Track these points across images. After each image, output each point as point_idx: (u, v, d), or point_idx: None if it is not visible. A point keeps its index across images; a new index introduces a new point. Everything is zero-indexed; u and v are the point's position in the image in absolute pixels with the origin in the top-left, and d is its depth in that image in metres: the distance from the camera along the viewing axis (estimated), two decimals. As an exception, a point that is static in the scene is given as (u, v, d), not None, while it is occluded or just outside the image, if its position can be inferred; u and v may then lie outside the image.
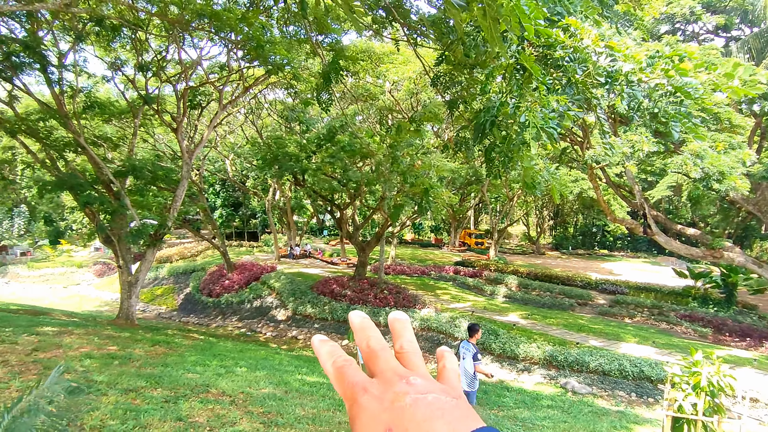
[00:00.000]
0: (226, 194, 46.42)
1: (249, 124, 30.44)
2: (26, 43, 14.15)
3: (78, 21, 15.15)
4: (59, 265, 41.94)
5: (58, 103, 15.75)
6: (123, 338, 12.84)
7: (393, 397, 0.45)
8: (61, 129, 17.63)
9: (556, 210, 54.60)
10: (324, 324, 20.25)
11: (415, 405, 0.44)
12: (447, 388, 0.49)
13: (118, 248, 17.16)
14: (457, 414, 0.44)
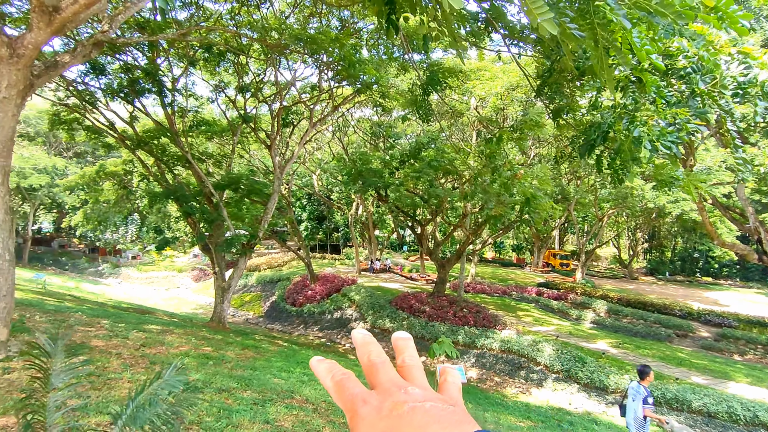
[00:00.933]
0: (312, 208, 48.31)
1: (336, 141, 31.65)
2: (147, 69, 15.94)
3: (190, 48, 16.75)
4: (163, 269, 45.86)
5: (170, 123, 17.49)
6: (216, 340, 13.73)
7: (391, 406, 0.47)
8: (171, 146, 19.51)
9: (652, 232, 50.73)
10: (402, 339, 20.29)
11: (413, 412, 0.46)
12: (445, 397, 0.52)
13: (214, 256, 18.48)
14: (453, 419, 0.46)
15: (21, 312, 10.80)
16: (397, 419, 0.45)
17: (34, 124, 38.78)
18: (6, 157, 6.92)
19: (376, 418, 0.46)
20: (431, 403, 0.47)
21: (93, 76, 16.10)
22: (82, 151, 45.87)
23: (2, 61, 6.47)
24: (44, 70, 7.34)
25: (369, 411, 0.47)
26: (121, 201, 26.88)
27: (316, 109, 20.02)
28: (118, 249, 51.39)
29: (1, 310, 6.87)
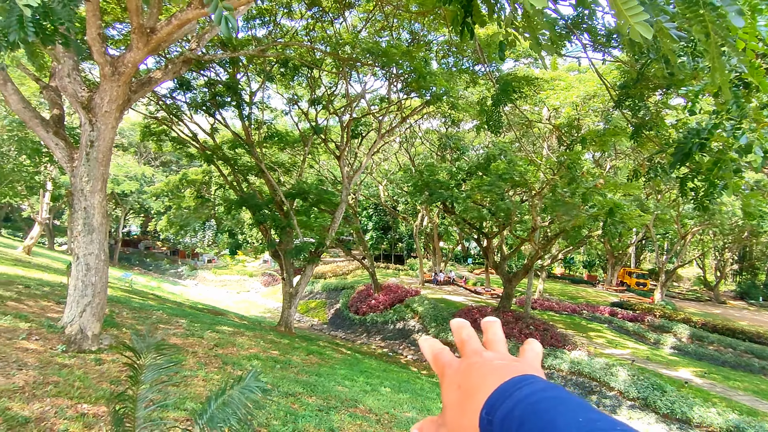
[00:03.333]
0: (377, 218, 48.81)
1: (403, 152, 31.90)
2: (227, 84, 16.96)
3: (268, 64, 17.62)
4: (235, 273, 48.09)
5: (247, 134, 18.46)
6: (283, 344, 14.16)
7: (465, 365, 0.57)
8: (246, 156, 20.54)
9: (743, 252, 46.53)
10: (465, 353, 19.92)
11: (480, 366, 0.55)
12: (516, 358, 0.59)
13: (283, 262, 19.13)
14: (513, 367, 0.53)
15: (111, 308, 11.71)
16: (467, 372, 0.55)
17: (128, 135, 42.24)
18: (105, 165, 7.60)
19: (454, 375, 0.57)
20: (499, 360, 0.56)
21: (180, 91, 17.37)
22: (167, 161, 49.36)
23: (106, 79, 7.14)
24: (139, 85, 8.02)
25: (451, 372, 0.58)
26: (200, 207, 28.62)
27: (385, 120, 20.32)
28: (196, 252, 54.58)
29: (96, 305, 7.50)
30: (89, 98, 7.30)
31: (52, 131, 7.62)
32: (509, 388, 0.48)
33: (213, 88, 17.50)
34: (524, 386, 0.47)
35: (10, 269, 17.01)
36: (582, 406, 0.42)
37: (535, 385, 0.47)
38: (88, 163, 7.35)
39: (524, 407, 0.44)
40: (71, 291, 7.52)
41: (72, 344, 7.05)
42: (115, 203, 44.04)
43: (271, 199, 19.71)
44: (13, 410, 4.24)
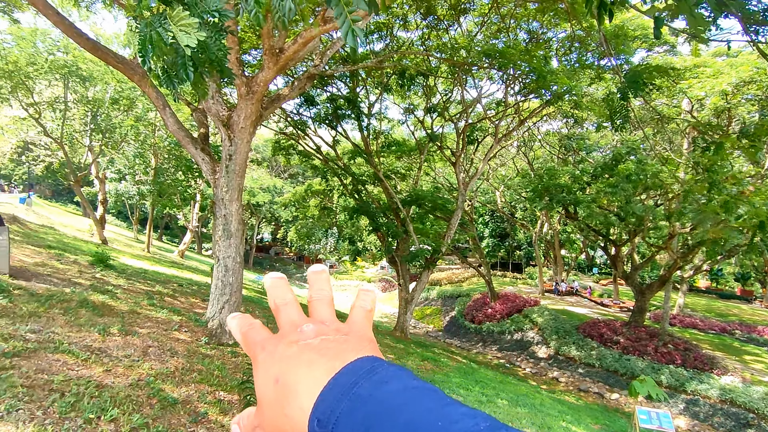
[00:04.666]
0: (494, 225, 47.64)
1: (521, 156, 30.78)
2: (348, 98, 17.86)
3: (385, 76, 18.21)
4: (355, 278, 50.16)
5: (365, 145, 19.23)
6: (399, 349, 14.39)
7: (283, 349, 0.45)
8: (365, 165, 21.38)
9: None
10: (590, 370, 18.48)
11: (301, 351, 0.44)
12: (342, 327, 0.49)
13: (400, 268, 19.49)
14: (342, 348, 0.44)
15: (246, 306, 12.88)
16: (287, 360, 0.44)
17: (262, 151, 46.38)
18: (241, 176, 8.42)
19: (269, 362, 0.45)
20: (322, 338, 0.46)
21: (306, 107, 18.65)
22: (295, 173, 53.25)
23: (242, 98, 7.93)
24: (270, 102, 8.77)
25: (265, 356, 0.47)
26: (323, 216, 30.39)
27: (501, 124, 19.81)
28: (319, 258, 57.96)
29: (232, 303, 8.30)
30: (228, 116, 8.17)
31: (200, 148, 8.64)
32: (344, 384, 0.39)
33: (335, 103, 18.53)
34: (362, 380, 0.38)
35: (167, 270, 19.57)
36: (437, 397, 0.35)
37: (377, 375, 0.38)
38: (227, 174, 8.21)
39: (369, 409, 0.35)
40: (213, 290, 8.42)
41: (213, 337, 7.88)
42: (250, 212, 48.50)
43: (388, 207, 20.25)
44: (165, 392, 4.85)
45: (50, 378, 4.29)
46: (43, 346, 5.07)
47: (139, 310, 8.47)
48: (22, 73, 18.10)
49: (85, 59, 19.07)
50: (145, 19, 2.89)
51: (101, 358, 5.24)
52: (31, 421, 3.46)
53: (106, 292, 9.10)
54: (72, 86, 20.86)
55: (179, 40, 2.55)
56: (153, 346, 6.39)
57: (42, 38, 18.72)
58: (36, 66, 18.43)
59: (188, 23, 2.48)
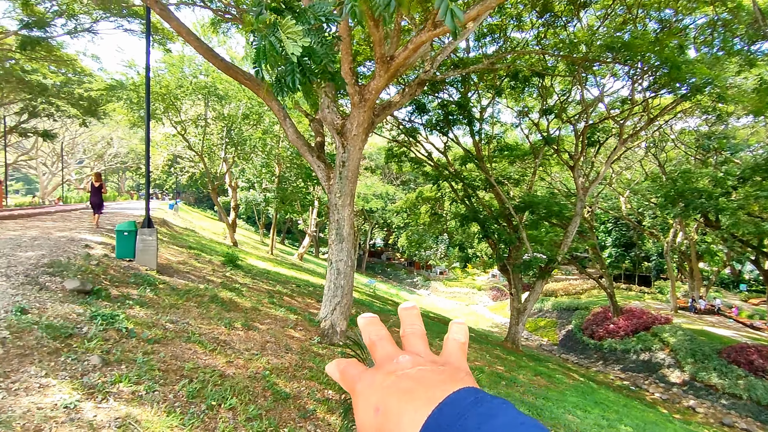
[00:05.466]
0: (618, 233, 43.92)
1: (650, 158, 28.00)
2: (459, 103, 17.68)
3: (497, 79, 17.74)
4: (464, 285, 49.46)
5: (477, 150, 18.87)
6: (509, 361, 13.80)
7: (381, 379, 0.46)
8: (476, 171, 20.97)
9: None
10: (736, 402, 16.11)
11: (399, 380, 0.44)
12: (438, 359, 0.49)
13: (512, 277, 18.76)
14: (440, 378, 0.43)
15: (357, 309, 13.27)
16: (386, 390, 0.44)
17: (375, 158, 47.86)
18: (353, 182, 8.70)
19: (369, 392, 0.46)
20: (419, 368, 0.46)
21: (417, 113, 18.83)
22: (406, 180, 54.11)
23: (354, 107, 8.21)
24: (381, 110, 8.97)
25: (363, 387, 0.47)
26: (433, 222, 30.42)
27: (627, 124, 18.18)
28: (429, 264, 58.10)
29: (344, 305, 8.59)
30: (342, 125, 8.51)
31: (316, 155, 9.11)
32: (449, 415, 0.38)
33: (446, 108, 18.47)
34: (467, 412, 0.37)
35: (288, 271, 20.95)
36: None
37: (482, 408, 0.37)
38: (340, 180, 8.54)
39: None
40: (325, 291, 8.79)
41: (325, 337, 8.21)
42: (363, 218, 50.23)
43: (500, 213, 19.66)
44: (278, 386, 5.13)
45: (182, 365, 4.77)
46: (178, 335, 5.66)
47: (260, 307, 9.13)
48: (172, 95, 20.70)
49: (222, 80, 21.25)
50: (261, 32, 3.10)
51: (225, 350, 5.71)
52: (163, 402, 3.86)
53: (234, 290, 9.96)
54: (211, 104, 23.36)
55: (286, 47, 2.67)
56: (270, 341, 6.83)
57: (188, 64, 21.24)
58: (183, 88, 20.96)
59: (295, 31, 2.59)
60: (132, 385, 3.94)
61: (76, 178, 53.05)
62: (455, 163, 21.48)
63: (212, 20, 13.98)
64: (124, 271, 8.12)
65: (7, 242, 8.63)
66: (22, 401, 3.21)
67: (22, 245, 8.42)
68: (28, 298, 5.20)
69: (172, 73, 20.82)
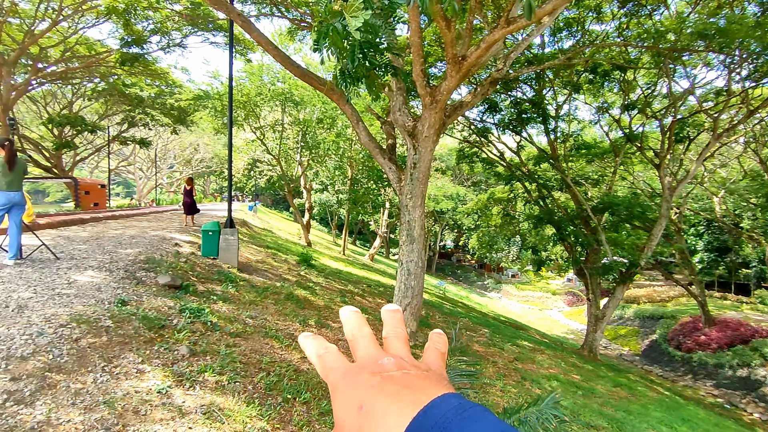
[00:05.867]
0: (710, 237, 40.39)
1: (749, 155, 25.53)
2: (533, 101, 17.14)
3: (574, 74, 16.99)
4: (537, 289, 47.80)
5: (552, 149, 18.18)
6: (586, 370, 13.15)
7: (366, 378, 0.46)
8: (551, 171, 20.20)
9: None
10: None
11: (384, 381, 0.45)
12: (421, 364, 0.50)
13: (589, 281, 17.87)
14: (424, 383, 0.44)
15: (426, 310, 13.27)
16: (370, 389, 0.45)
17: (445, 159, 47.56)
18: (424, 184, 8.72)
19: (351, 389, 0.46)
20: (403, 371, 0.46)
21: (488, 113, 18.47)
22: (477, 181, 53.25)
23: (426, 108, 8.22)
24: (453, 110, 8.91)
25: (346, 384, 0.47)
26: (505, 224, 29.70)
27: (722, 117, 16.70)
28: (500, 267, 56.77)
29: (414, 306, 8.62)
30: (413, 126, 8.56)
31: (387, 157, 9.23)
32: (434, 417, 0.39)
33: (519, 107, 17.97)
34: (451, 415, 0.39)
35: (359, 272, 21.36)
36: None
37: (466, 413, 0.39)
38: (411, 182, 8.59)
39: None
40: (396, 292, 8.88)
41: (396, 336, 8.29)
42: (433, 219, 50.02)
43: (576, 215, 18.80)
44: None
45: (260, 358, 5.03)
46: (257, 330, 5.97)
47: (333, 306, 9.40)
48: (252, 102, 21.84)
49: (298, 86, 22.09)
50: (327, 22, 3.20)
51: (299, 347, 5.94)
52: (243, 392, 4.10)
53: (308, 288, 10.33)
54: (287, 110, 24.35)
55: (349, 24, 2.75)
56: (342, 340, 7.00)
57: (266, 72, 22.29)
58: (262, 96, 22.03)
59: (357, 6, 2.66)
60: (216, 375, 4.22)
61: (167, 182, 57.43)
62: (528, 162, 20.84)
63: (289, 29, 14.58)
64: (209, 268, 8.68)
65: (110, 240, 9.54)
66: (122, 384, 3.54)
67: (122, 243, 9.26)
68: (128, 291, 5.73)
69: (252, 82, 21.94)
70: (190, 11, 17.27)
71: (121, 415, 3.15)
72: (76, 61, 22.19)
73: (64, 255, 7.48)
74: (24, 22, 19.31)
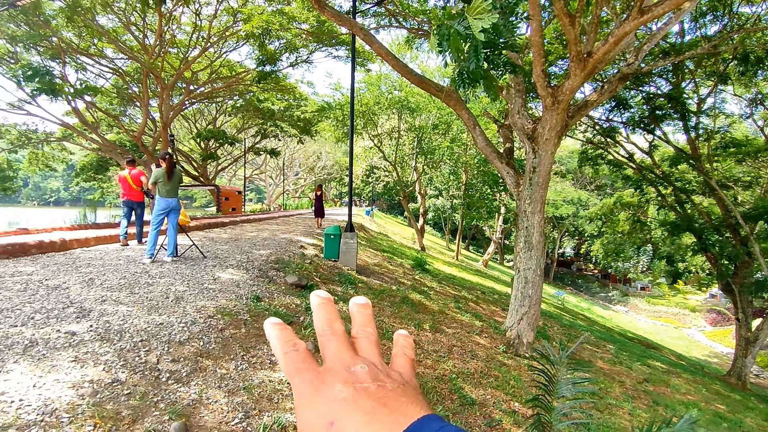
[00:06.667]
0: None
1: None
2: (670, 95, 15.52)
3: (720, 63, 15.10)
4: (673, 305, 42.93)
5: (692, 148, 16.30)
6: (732, 400, 11.57)
7: (338, 390, 0.41)
8: (689, 172, 18.11)
9: None
10: None
11: (358, 395, 0.40)
12: (393, 373, 0.45)
13: (738, 299, 15.71)
14: (402, 400, 0.41)
15: (544, 321, 12.65)
16: (342, 404, 0.40)
17: (566, 162, 45.06)
18: (544, 188, 8.37)
19: (320, 400, 0.41)
20: (378, 384, 0.42)
21: (616, 111, 17.10)
22: (602, 184, 49.61)
23: (547, 109, 7.90)
24: (576, 110, 8.44)
25: (312, 392, 0.42)
26: (634, 231, 27.25)
27: None
28: (627, 278, 52.10)
29: (531, 316, 8.29)
30: (533, 129, 8.26)
31: (505, 162, 9.02)
32: None
33: (652, 102, 16.39)
34: None
35: (472, 277, 21.07)
36: None
37: None
38: (530, 186, 8.30)
39: None
40: (512, 300, 8.62)
41: (510, 347, 8.05)
42: (552, 225, 47.57)
43: (722, 222, 16.62)
44: (464, 390, 5.22)
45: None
46: (375, 330, 6.19)
47: (446, 311, 9.40)
48: (371, 111, 22.74)
49: (414, 93, 22.51)
50: (446, 25, 3.23)
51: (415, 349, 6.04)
52: (364, 389, 4.28)
53: (422, 293, 10.45)
54: (403, 117, 24.94)
55: (473, 27, 2.74)
56: (456, 345, 6.98)
57: (384, 81, 23.06)
58: (380, 104, 22.83)
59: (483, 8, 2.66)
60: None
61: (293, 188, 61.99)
62: (663, 164, 18.88)
63: (406, 38, 14.93)
64: (330, 270, 9.20)
65: (246, 242, 10.58)
66: (258, 373, 3.92)
67: (256, 245, 10.21)
68: (261, 288, 6.30)
69: (371, 92, 22.84)
70: (316, 29, 18.50)
71: (257, 400, 3.49)
72: (220, 82, 24.95)
73: (209, 254, 8.48)
74: (180, 50, 22.25)
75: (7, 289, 5.02)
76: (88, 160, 28.41)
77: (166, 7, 17.20)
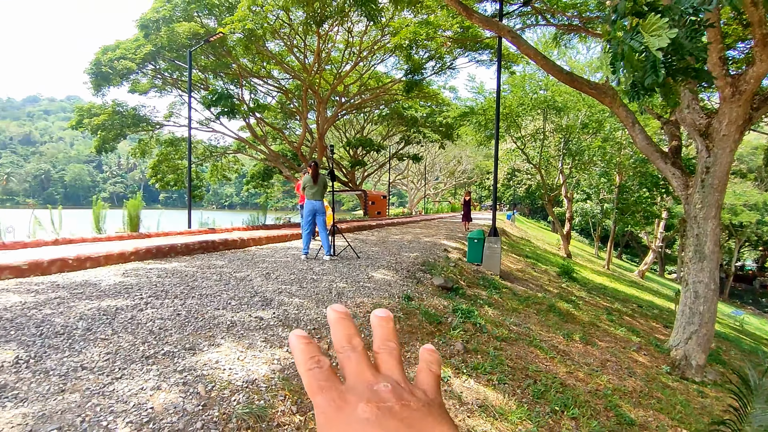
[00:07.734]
0: None
1: None
2: None
3: None
4: None
5: None
6: None
7: (359, 411, 0.39)
8: None
9: None
10: None
11: (383, 416, 0.39)
12: (417, 391, 0.43)
13: None
14: (428, 421, 0.39)
15: (717, 343, 11.05)
16: (367, 424, 0.38)
17: (747, 160, 38.73)
18: (720, 191, 7.36)
19: (343, 420, 0.39)
20: (402, 404, 0.40)
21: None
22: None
23: (725, 101, 6.95)
24: (762, 101, 7.27)
25: (335, 413, 0.40)
26: None
27: None
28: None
29: (702, 335, 7.33)
30: (706, 124, 7.33)
31: (670, 162, 8.13)
32: None
33: None
34: None
35: (627, 289, 19.26)
36: None
37: None
38: (702, 189, 7.37)
39: None
40: (679, 316, 7.72)
41: (676, 368, 7.21)
42: (728, 234, 41.22)
43: None
44: (621, 408, 4.85)
45: (525, 365, 5.10)
46: (521, 337, 6.07)
47: (598, 323, 8.77)
48: (514, 113, 22.16)
49: (561, 92, 21.35)
50: (617, 39, 3.07)
51: (564, 360, 5.78)
52: (512, 395, 4.24)
53: (570, 302, 9.89)
54: (549, 117, 23.80)
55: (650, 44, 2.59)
56: (611, 360, 6.49)
57: (528, 82, 22.29)
58: (523, 105, 22.12)
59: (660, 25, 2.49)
60: (486, 373, 4.49)
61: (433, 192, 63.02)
62: None
63: (554, 35, 14.29)
64: (474, 274, 9.22)
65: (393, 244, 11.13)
66: (412, 370, 4.14)
67: (402, 247, 10.68)
68: (411, 288, 6.60)
69: (515, 93, 22.24)
70: (460, 35, 18.66)
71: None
72: (368, 93, 26.50)
73: (362, 255, 9.11)
74: (333, 66, 24.17)
75: (208, 279, 6.05)
76: (257, 169, 32.22)
77: (323, 28, 18.83)
